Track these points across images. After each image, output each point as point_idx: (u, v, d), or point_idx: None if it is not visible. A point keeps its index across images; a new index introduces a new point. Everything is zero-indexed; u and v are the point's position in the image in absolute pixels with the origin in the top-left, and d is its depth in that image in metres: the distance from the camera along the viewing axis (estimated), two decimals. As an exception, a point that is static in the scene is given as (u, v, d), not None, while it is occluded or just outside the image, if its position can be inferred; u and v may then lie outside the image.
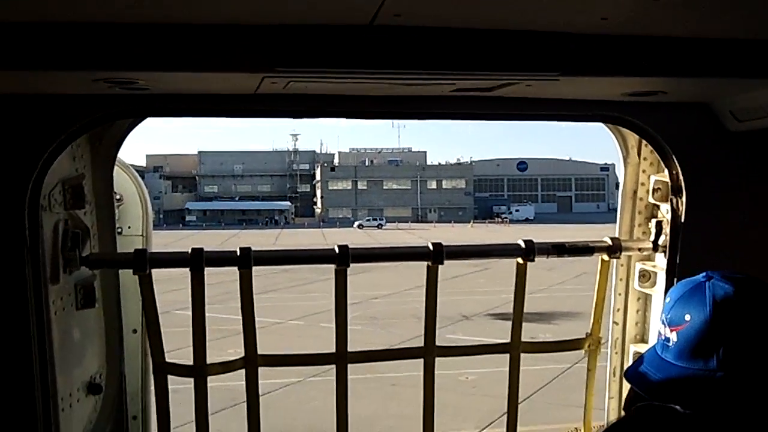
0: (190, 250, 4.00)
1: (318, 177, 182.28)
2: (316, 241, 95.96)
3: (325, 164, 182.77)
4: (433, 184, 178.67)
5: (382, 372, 28.58)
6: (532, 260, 4.31)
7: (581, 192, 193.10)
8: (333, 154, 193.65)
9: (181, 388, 4.44)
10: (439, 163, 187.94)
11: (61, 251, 3.79)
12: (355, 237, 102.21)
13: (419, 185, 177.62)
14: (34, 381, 3.61)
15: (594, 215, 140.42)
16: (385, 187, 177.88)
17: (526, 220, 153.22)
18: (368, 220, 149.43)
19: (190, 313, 4.11)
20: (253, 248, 4.09)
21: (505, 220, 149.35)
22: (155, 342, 4.11)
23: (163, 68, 3.11)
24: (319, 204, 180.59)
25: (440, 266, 4.25)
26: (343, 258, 4.12)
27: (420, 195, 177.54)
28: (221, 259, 4.20)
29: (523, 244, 4.33)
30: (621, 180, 4.62)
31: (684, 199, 4.17)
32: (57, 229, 3.78)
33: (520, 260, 4.36)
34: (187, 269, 4.07)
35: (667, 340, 2.58)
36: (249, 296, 4.15)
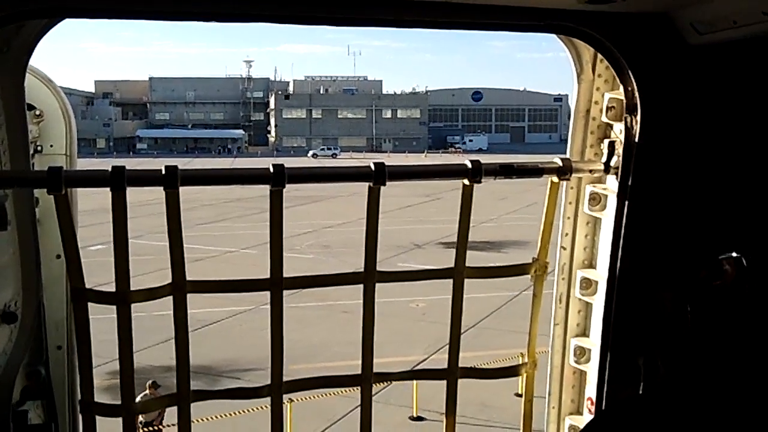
0: (110, 168, 3.62)
1: (272, 105, 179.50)
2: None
3: (280, 92, 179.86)
4: (388, 114, 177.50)
5: (334, 299, 28.90)
6: (479, 181, 4.04)
7: (534, 123, 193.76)
8: (287, 82, 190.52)
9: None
10: (395, 93, 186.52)
11: None
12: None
13: (374, 114, 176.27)
14: None
15: (546, 146, 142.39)
16: (339, 116, 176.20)
17: (479, 151, 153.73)
18: (323, 149, 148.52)
19: (112, 236, 3.74)
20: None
21: (458, 150, 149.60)
22: (74, 267, 3.78)
23: None
24: (273, 133, 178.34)
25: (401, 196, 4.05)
26: (278, 178, 3.76)
27: (375, 125, 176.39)
28: (145, 178, 3.75)
29: (470, 164, 4.05)
30: (573, 98, 4.35)
31: (639, 117, 3.92)
32: None
33: (466, 181, 4.07)
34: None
35: None
36: (176, 219, 3.77)
